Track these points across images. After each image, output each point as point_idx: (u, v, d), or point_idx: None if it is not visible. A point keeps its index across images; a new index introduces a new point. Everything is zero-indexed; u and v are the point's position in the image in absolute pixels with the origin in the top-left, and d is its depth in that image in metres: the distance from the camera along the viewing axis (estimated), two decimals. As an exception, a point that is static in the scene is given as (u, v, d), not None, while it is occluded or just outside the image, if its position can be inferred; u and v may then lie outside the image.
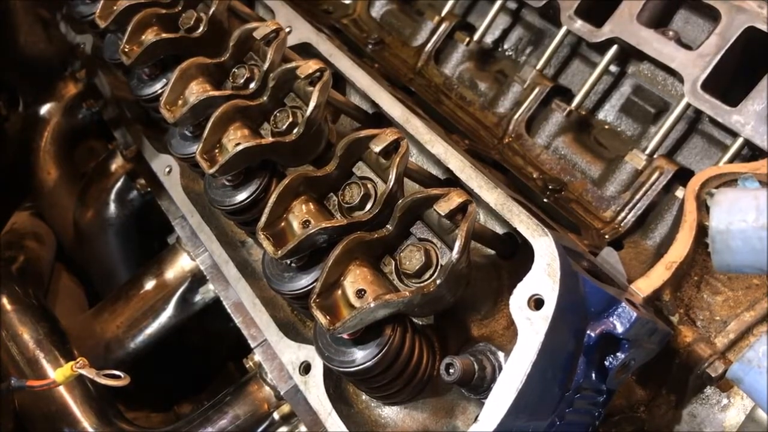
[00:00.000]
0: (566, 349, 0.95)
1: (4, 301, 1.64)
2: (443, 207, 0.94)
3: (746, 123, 1.35)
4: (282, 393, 1.27)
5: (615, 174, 1.52)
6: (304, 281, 1.05)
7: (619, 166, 1.51)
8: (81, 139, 2.25)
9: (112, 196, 1.98)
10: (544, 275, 0.90)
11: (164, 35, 1.41)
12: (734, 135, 1.39)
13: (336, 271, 0.97)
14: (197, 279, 1.67)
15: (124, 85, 1.71)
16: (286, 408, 1.39)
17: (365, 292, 0.96)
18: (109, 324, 1.74)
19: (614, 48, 1.56)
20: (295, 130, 1.16)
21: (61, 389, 1.52)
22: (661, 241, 1.42)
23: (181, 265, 1.69)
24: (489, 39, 1.88)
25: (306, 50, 1.44)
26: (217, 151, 1.20)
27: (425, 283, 0.97)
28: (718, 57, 1.39)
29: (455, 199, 0.94)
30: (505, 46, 1.88)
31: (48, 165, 2.14)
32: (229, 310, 1.39)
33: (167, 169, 1.54)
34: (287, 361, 1.18)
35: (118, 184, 1.97)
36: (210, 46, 1.41)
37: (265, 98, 1.22)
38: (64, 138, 2.16)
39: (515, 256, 1.12)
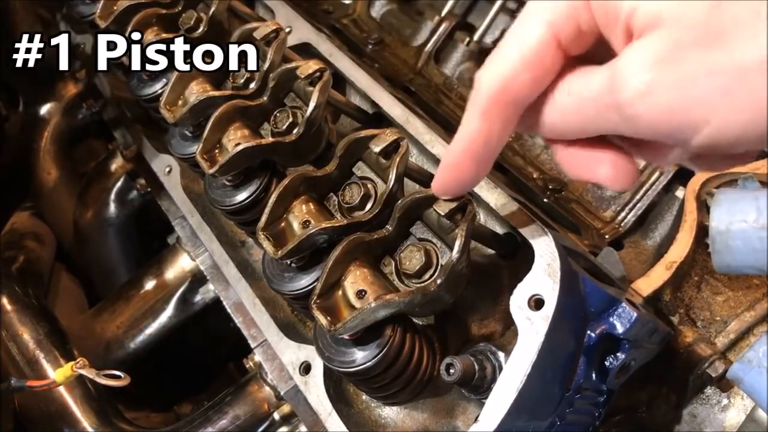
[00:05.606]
0: (566, 350, 0.95)
1: (4, 301, 1.63)
2: (443, 207, 0.93)
3: (746, 123, 1.35)
4: (282, 393, 1.27)
5: (615, 174, 1.51)
6: (304, 281, 1.05)
7: (620, 166, 1.51)
8: (81, 139, 2.24)
9: (112, 196, 1.98)
10: (544, 275, 0.90)
11: (164, 35, 1.41)
12: (734, 135, 1.38)
13: (336, 272, 0.97)
14: (197, 279, 1.66)
15: (124, 85, 1.70)
16: (286, 408, 1.39)
17: (366, 292, 0.96)
18: (109, 324, 1.74)
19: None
20: (295, 130, 1.16)
21: (61, 389, 1.52)
22: (661, 241, 1.42)
23: (181, 265, 1.69)
24: (489, 39, 1.88)
25: (306, 50, 1.44)
26: (217, 151, 1.20)
27: (426, 283, 0.97)
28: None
29: (454, 199, 0.94)
30: (506, 46, 1.88)
31: (48, 165, 2.13)
32: (229, 311, 1.39)
33: (167, 169, 1.54)
34: (287, 362, 1.18)
35: (118, 184, 1.97)
36: (210, 46, 1.41)
37: (265, 98, 1.22)
38: (64, 138, 2.15)
39: (515, 256, 1.11)
